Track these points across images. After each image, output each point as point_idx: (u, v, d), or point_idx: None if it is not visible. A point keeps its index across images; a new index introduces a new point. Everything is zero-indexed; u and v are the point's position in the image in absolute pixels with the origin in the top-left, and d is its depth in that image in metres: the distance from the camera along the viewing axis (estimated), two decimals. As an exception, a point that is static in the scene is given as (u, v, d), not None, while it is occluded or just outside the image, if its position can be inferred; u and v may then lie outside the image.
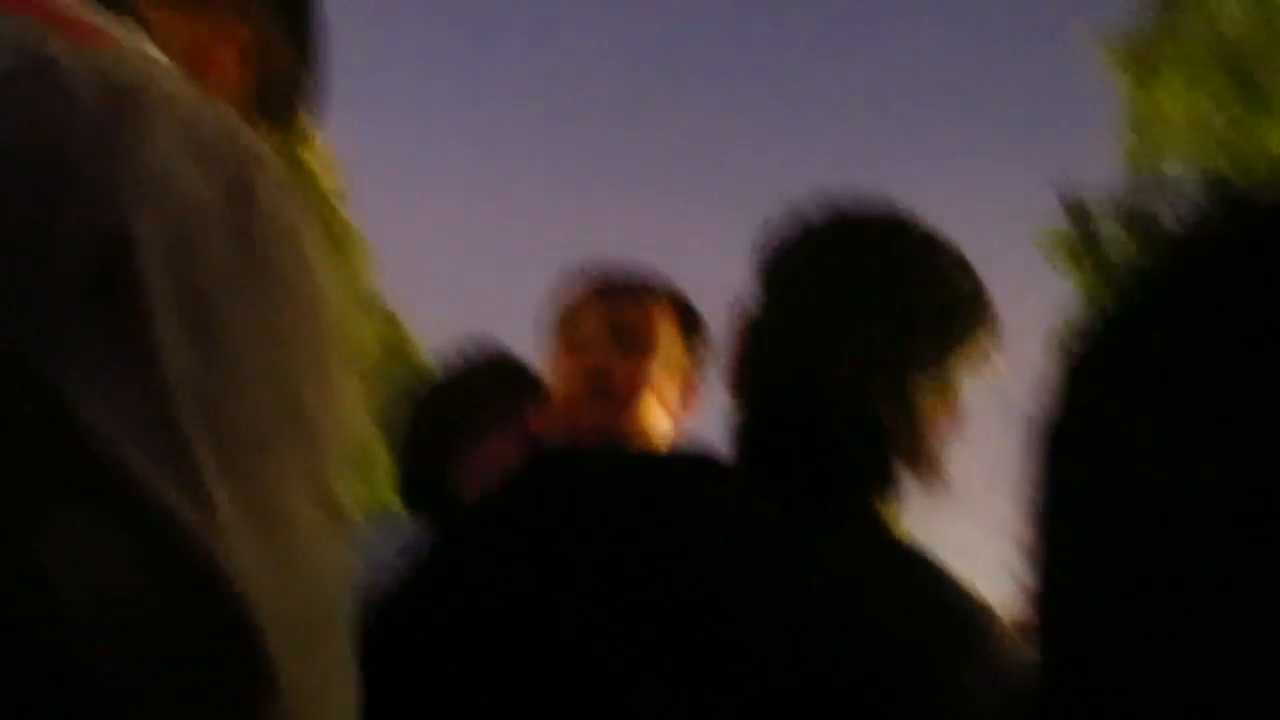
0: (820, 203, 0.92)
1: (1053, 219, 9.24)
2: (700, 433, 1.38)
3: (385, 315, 14.79)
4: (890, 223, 0.89)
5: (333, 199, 12.52)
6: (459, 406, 1.39)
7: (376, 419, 1.54)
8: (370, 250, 14.18)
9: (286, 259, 0.51)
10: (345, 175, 13.01)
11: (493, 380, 1.41)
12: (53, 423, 0.42)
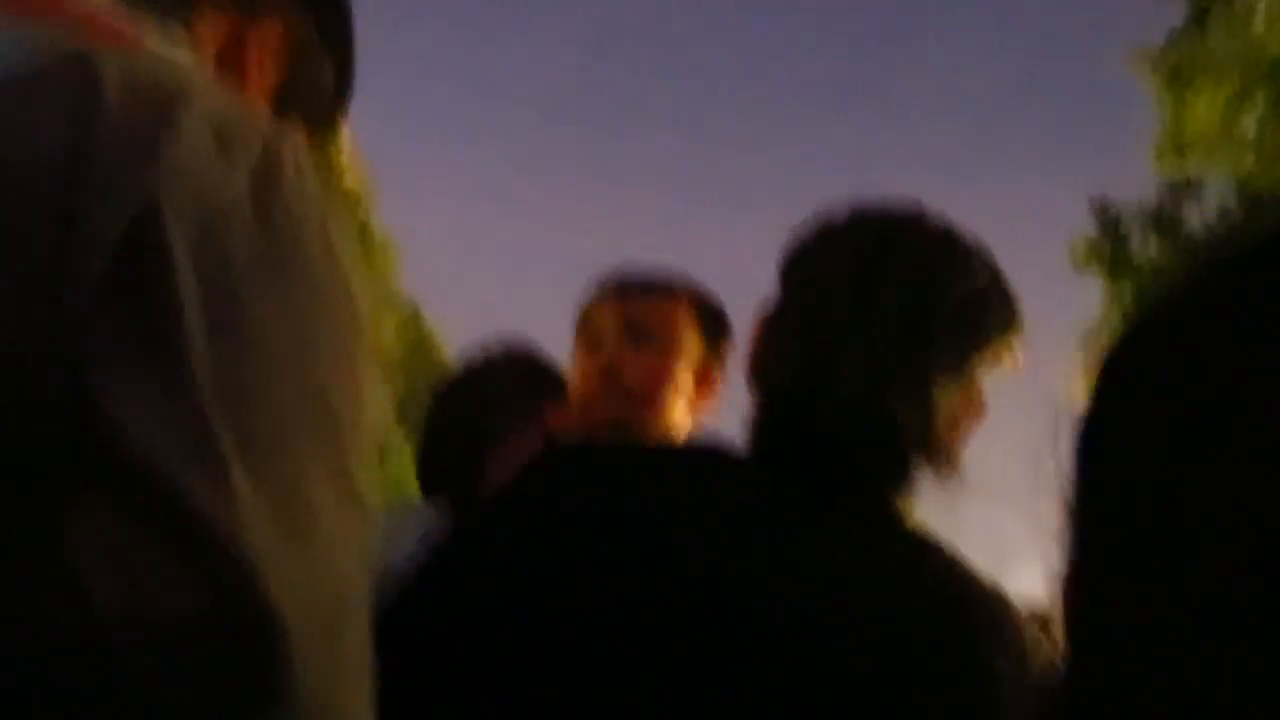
0: (846, 205, 0.92)
1: (1085, 227, 9.21)
2: (724, 431, 1.37)
3: (408, 312, 14.89)
4: (909, 220, 0.89)
5: (358, 197, 12.61)
6: (479, 404, 1.39)
7: (398, 415, 1.55)
8: (394, 248, 14.28)
9: (312, 252, 0.52)
10: (370, 174, 13.11)
11: (513, 379, 1.41)
12: (81, 418, 0.43)
